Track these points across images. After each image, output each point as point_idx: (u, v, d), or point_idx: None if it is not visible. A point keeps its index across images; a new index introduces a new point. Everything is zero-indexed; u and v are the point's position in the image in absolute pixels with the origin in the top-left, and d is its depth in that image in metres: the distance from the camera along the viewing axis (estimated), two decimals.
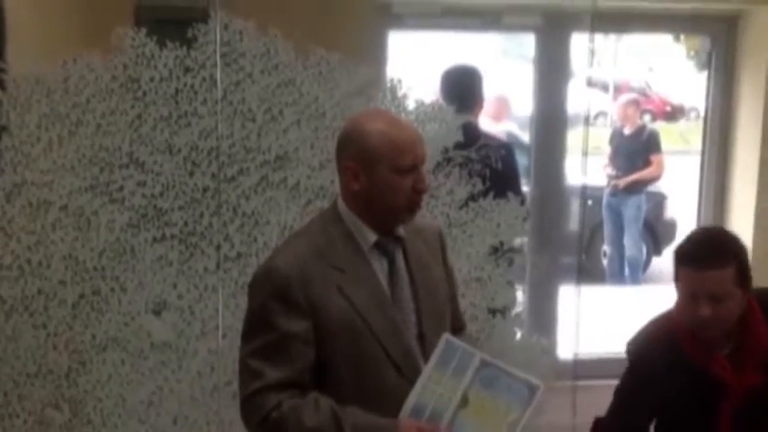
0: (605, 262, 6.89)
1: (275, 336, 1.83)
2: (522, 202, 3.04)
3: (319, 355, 1.85)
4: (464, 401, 1.80)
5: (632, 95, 7.50)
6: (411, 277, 1.94)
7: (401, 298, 1.91)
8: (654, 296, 6.14)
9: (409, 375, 1.85)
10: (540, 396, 1.80)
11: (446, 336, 1.87)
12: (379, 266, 1.91)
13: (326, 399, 1.81)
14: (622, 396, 2.32)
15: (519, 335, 3.09)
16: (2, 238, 2.75)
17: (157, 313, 2.85)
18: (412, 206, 1.90)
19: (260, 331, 1.85)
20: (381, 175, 1.85)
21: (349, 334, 1.84)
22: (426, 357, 1.86)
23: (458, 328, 2.07)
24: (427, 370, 1.84)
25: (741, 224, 4.39)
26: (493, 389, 1.81)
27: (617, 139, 6.80)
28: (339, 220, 1.92)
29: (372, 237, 1.90)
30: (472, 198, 2.98)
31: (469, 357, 1.84)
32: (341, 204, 1.93)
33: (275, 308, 1.83)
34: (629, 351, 2.32)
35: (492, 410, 1.79)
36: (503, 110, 6.10)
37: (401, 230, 1.95)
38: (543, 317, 4.19)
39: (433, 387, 1.81)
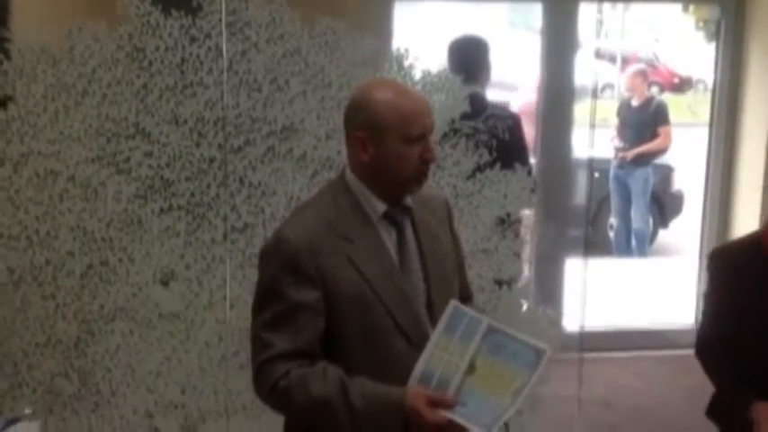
0: (612, 234, 6.87)
1: (284, 306, 1.83)
2: (529, 173, 3.02)
3: (329, 324, 1.85)
4: (471, 368, 1.80)
5: (640, 66, 7.41)
6: (419, 247, 1.94)
7: (410, 268, 1.91)
8: (660, 268, 6.18)
9: (418, 344, 1.85)
10: (545, 361, 1.79)
11: (453, 302, 1.87)
12: (388, 237, 1.91)
13: (335, 368, 1.81)
14: (708, 301, 2.43)
15: (525, 306, 3.09)
16: (10, 208, 2.76)
17: (165, 284, 2.85)
18: (419, 176, 1.89)
19: (270, 303, 1.85)
20: (390, 145, 1.84)
21: (359, 304, 1.84)
22: (435, 326, 1.86)
23: (465, 298, 2.07)
24: (434, 336, 1.83)
25: (749, 197, 4.38)
26: (500, 355, 1.80)
27: (624, 111, 6.74)
28: (347, 191, 1.91)
29: (381, 207, 1.90)
30: (479, 169, 2.97)
31: (477, 323, 1.84)
32: (349, 175, 1.92)
33: (285, 279, 1.83)
34: (710, 257, 2.42)
35: (498, 377, 1.79)
36: None
37: (409, 201, 1.94)
38: (550, 289, 4.20)
39: (440, 354, 1.81)
